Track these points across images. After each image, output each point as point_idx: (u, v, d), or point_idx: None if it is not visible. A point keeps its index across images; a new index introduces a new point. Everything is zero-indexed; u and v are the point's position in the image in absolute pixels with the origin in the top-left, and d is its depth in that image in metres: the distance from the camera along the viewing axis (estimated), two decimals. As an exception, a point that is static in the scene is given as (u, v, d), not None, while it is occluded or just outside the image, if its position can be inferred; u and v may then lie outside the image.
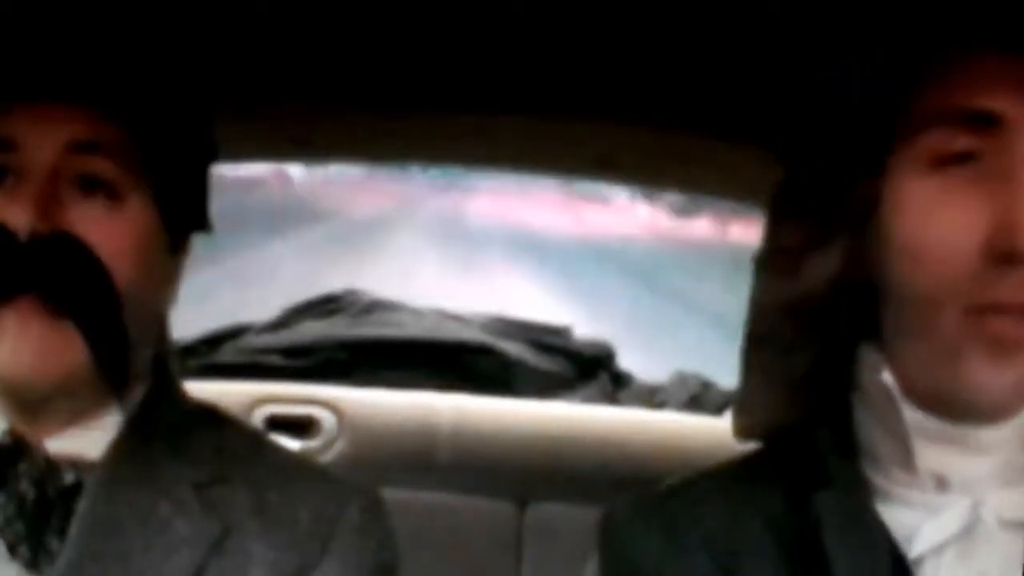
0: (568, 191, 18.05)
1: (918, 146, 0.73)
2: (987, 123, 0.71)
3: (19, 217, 0.79)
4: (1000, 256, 0.70)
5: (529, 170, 1.74)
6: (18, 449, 0.84)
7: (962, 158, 0.72)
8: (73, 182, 0.83)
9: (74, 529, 0.83)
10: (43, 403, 0.84)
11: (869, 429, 0.78)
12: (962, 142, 0.72)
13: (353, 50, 1.11)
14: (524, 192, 16.72)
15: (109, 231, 0.83)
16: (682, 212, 16.19)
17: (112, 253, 0.83)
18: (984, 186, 0.71)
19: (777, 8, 0.92)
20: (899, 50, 0.75)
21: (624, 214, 18.26)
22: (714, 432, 1.71)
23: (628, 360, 2.09)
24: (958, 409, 0.73)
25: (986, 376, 0.71)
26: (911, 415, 0.75)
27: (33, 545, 0.83)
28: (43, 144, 0.82)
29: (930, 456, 0.75)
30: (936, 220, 0.72)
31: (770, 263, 0.81)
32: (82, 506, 0.84)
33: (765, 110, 1.16)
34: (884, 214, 0.75)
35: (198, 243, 0.95)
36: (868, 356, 0.78)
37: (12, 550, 0.83)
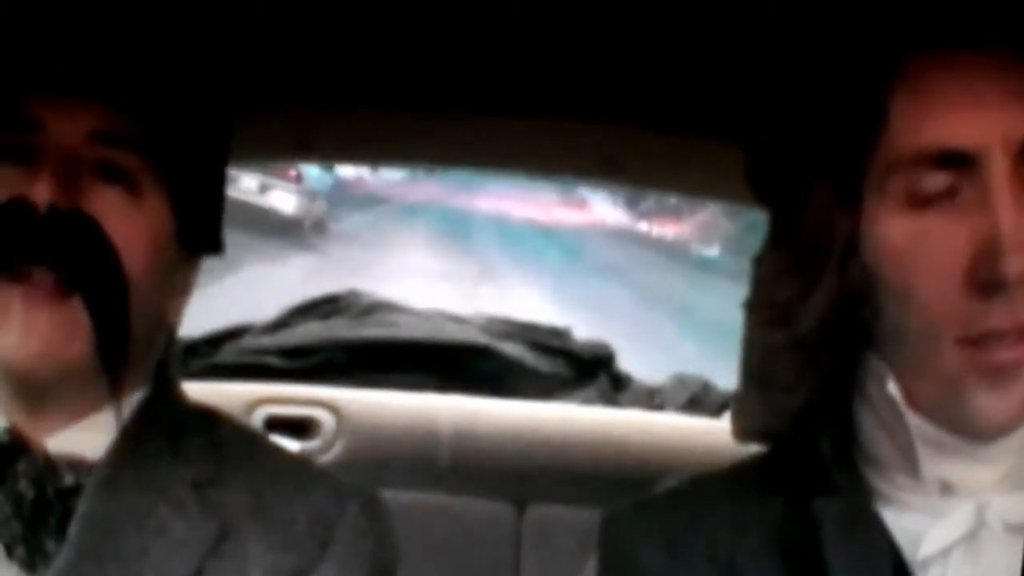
0: (562, 195, 23.43)
1: (892, 185, 0.74)
2: (960, 162, 0.72)
3: (40, 192, 0.81)
4: (985, 284, 0.70)
5: (531, 172, 1.75)
6: (17, 447, 0.85)
7: (934, 192, 0.72)
8: (94, 169, 0.84)
9: (73, 530, 0.83)
10: (45, 392, 0.85)
11: (873, 436, 0.79)
12: (937, 179, 0.72)
13: (355, 51, 1.11)
14: (519, 195, 22.26)
15: (125, 220, 0.84)
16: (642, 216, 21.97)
17: (126, 241, 0.84)
18: (962, 218, 0.72)
19: (778, 11, 0.92)
20: (863, 61, 0.75)
21: (588, 213, 23.61)
22: (713, 433, 1.71)
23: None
24: (965, 432, 0.74)
25: (989, 403, 0.72)
26: (916, 424, 0.75)
27: (30, 546, 0.83)
28: (67, 129, 0.84)
29: (935, 463, 0.75)
30: (919, 258, 0.73)
31: (761, 314, 0.81)
32: (81, 507, 0.84)
33: (768, 112, 1.16)
34: (866, 255, 0.75)
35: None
36: (873, 365, 0.78)
37: (9, 550, 0.83)
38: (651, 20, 0.99)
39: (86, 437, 0.86)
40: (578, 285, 11.72)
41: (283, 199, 13.19)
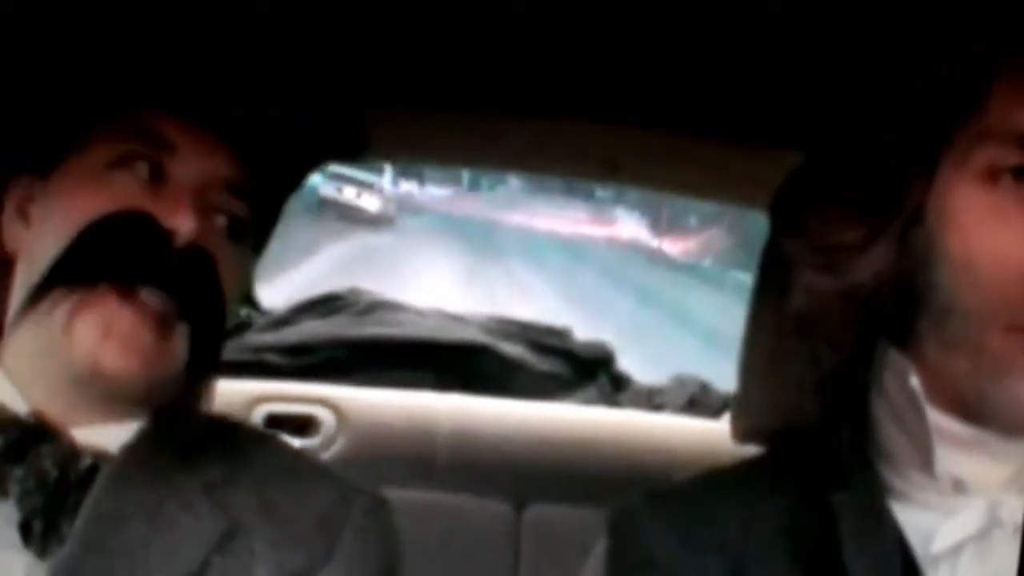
0: (592, 213, 28.40)
1: (972, 160, 0.73)
2: None
3: (183, 224, 0.83)
4: None
5: (534, 172, 1.75)
6: (40, 432, 0.85)
7: (1017, 172, 0.72)
8: (214, 210, 0.88)
9: (79, 523, 0.83)
10: (109, 400, 0.86)
11: (889, 431, 0.79)
12: (1018, 157, 0.72)
13: (358, 51, 1.11)
14: (549, 212, 27.80)
15: (226, 260, 0.88)
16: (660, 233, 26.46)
17: (225, 281, 0.88)
18: None
19: (779, 11, 0.92)
20: (976, 52, 0.74)
21: (609, 229, 27.89)
22: (712, 434, 1.72)
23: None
24: (993, 421, 0.73)
25: None
26: (935, 419, 0.75)
27: (47, 520, 0.83)
28: (202, 164, 0.87)
29: (950, 460, 0.75)
30: (988, 236, 0.72)
31: (814, 259, 0.80)
32: (88, 500, 0.84)
33: (769, 115, 1.17)
34: (933, 223, 0.75)
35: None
36: (893, 359, 0.78)
37: (27, 526, 0.83)
38: (654, 21, 0.99)
39: (113, 433, 0.87)
40: (579, 285, 16.50)
41: (370, 201, 20.60)
